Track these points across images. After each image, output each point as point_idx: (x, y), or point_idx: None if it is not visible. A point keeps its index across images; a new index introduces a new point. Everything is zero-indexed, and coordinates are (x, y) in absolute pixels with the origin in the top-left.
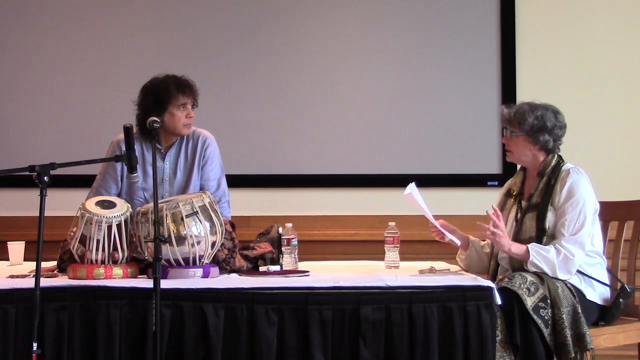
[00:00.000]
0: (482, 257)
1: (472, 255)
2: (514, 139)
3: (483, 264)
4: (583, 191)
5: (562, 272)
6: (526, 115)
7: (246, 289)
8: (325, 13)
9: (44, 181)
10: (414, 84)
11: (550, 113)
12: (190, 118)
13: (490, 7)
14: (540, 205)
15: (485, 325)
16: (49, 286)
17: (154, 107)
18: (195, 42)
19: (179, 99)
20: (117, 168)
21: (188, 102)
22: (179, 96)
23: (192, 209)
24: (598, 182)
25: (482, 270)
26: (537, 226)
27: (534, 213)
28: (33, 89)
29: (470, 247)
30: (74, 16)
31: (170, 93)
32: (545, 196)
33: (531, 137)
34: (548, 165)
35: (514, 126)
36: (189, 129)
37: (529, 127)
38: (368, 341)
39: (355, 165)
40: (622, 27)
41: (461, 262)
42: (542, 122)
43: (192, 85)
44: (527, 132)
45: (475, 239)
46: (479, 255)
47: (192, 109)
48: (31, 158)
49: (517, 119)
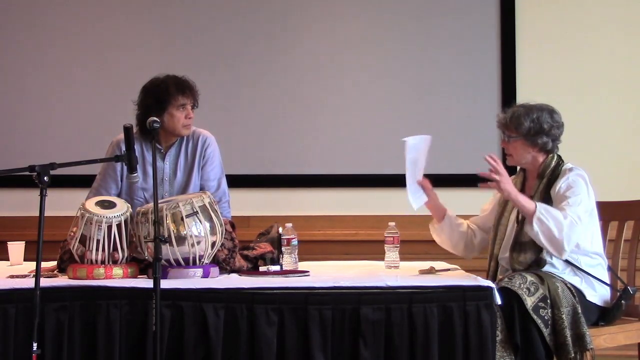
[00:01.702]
0: (454, 233)
1: (445, 228)
2: (513, 143)
3: (452, 240)
4: (582, 187)
5: (566, 236)
6: (522, 120)
7: (246, 289)
8: (325, 14)
9: (44, 181)
10: (414, 84)
11: (546, 114)
12: (189, 119)
13: (491, 8)
14: None
15: (485, 325)
16: (49, 286)
17: (153, 108)
18: (196, 43)
19: (179, 100)
20: (117, 168)
21: (187, 102)
22: (179, 97)
23: (192, 209)
24: (598, 182)
25: (450, 246)
26: None
27: None
28: (33, 89)
29: (445, 219)
30: (75, 17)
31: (170, 94)
32: (545, 197)
33: (529, 140)
34: (548, 167)
35: (511, 131)
36: (189, 129)
37: (525, 130)
38: (368, 341)
39: (355, 165)
40: (622, 28)
41: (433, 231)
42: (538, 125)
43: (192, 86)
44: (524, 136)
45: (451, 214)
46: (452, 229)
47: (192, 109)
48: (31, 158)
49: (514, 123)
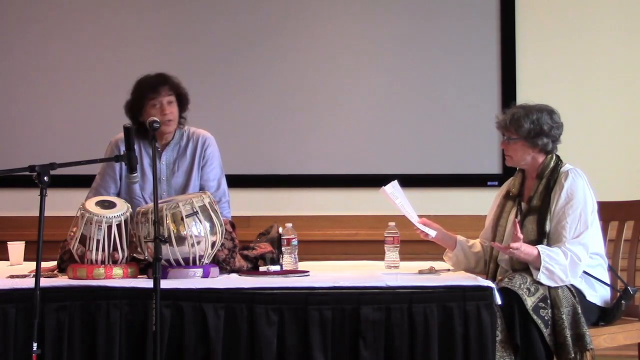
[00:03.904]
0: (469, 256)
1: (459, 254)
2: (512, 145)
3: (470, 263)
4: (581, 193)
5: (572, 275)
6: (522, 121)
7: (246, 289)
8: (326, 15)
9: (44, 181)
10: (414, 84)
11: (546, 115)
12: (166, 114)
13: (490, 8)
14: (541, 209)
15: (485, 325)
16: (49, 286)
17: (135, 110)
18: (196, 43)
19: (150, 100)
20: (116, 167)
21: (160, 98)
22: (149, 96)
23: (192, 209)
24: (598, 182)
25: (470, 270)
26: (537, 230)
27: (534, 216)
28: (33, 89)
29: (457, 246)
30: (75, 17)
31: (143, 97)
32: (545, 199)
33: (529, 142)
34: (547, 167)
35: (511, 132)
36: (168, 125)
37: (526, 132)
38: (368, 341)
39: (355, 165)
40: (622, 28)
41: (448, 260)
42: (538, 126)
43: (166, 81)
44: (524, 137)
45: (462, 239)
46: (466, 254)
47: (170, 104)
48: (31, 158)
49: (513, 125)
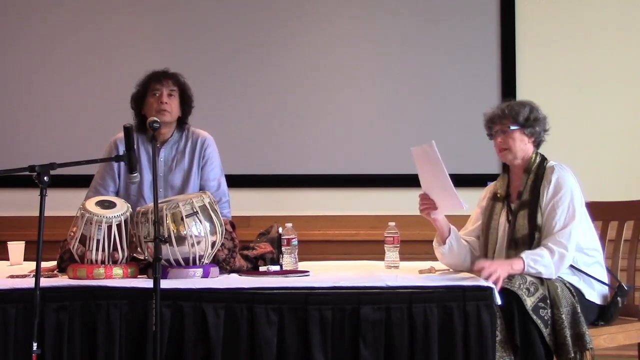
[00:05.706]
0: (460, 247)
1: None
2: (510, 134)
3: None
4: (569, 185)
5: (556, 270)
6: (518, 108)
7: (246, 289)
8: (325, 15)
9: (44, 181)
10: (413, 85)
11: (535, 107)
12: (162, 103)
13: (491, 8)
14: (531, 203)
15: (485, 325)
16: (49, 286)
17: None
18: (196, 43)
19: (152, 88)
20: (114, 166)
21: (162, 87)
22: (152, 85)
23: (192, 209)
24: (598, 182)
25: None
26: (529, 224)
27: (525, 211)
28: (33, 89)
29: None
30: (75, 17)
31: (146, 87)
32: (534, 192)
33: (527, 129)
34: (533, 163)
35: (509, 120)
36: (164, 115)
37: (524, 119)
38: (368, 341)
39: (355, 165)
40: (621, 28)
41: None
42: (534, 114)
43: (169, 74)
44: (522, 124)
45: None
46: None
47: (170, 97)
48: (31, 158)
49: (511, 113)
